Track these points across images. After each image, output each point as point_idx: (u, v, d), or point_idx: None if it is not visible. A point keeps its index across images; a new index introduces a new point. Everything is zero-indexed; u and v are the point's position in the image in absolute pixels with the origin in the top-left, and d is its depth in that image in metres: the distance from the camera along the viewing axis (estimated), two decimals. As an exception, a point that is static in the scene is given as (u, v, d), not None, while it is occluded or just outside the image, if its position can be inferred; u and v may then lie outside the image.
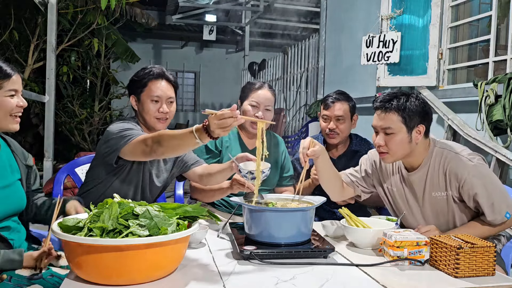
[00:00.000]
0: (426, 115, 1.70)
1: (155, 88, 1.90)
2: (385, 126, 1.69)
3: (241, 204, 1.59)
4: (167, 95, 1.92)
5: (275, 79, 7.94)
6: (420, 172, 1.74)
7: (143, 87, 1.91)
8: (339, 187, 1.94)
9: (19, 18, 5.15)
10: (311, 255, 1.45)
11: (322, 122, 2.43)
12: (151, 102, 1.90)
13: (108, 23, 5.88)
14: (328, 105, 2.40)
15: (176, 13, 9.25)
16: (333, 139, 2.40)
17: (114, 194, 1.36)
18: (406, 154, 1.71)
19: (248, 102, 2.21)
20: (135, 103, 1.96)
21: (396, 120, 1.67)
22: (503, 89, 2.53)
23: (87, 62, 7.20)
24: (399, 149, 1.69)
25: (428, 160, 1.72)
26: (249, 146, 2.28)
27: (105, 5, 3.89)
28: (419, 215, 1.80)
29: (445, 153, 1.70)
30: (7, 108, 1.47)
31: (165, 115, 1.92)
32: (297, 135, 5.61)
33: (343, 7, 4.89)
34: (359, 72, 4.41)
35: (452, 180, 1.67)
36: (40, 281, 1.49)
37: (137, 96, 1.94)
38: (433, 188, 1.72)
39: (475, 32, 3.41)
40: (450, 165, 1.67)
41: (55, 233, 1.21)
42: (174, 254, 1.25)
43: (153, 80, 1.91)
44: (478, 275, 1.33)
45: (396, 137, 1.67)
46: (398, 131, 1.67)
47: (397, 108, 1.66)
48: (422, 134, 1.69)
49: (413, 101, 1.67)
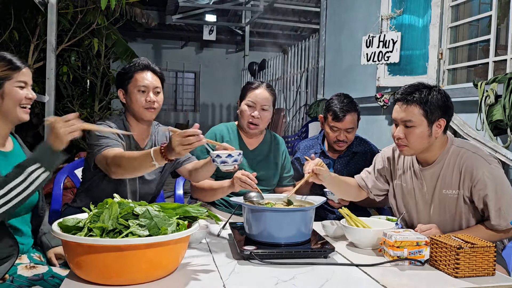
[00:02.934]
0: (447, 110, 1.69)
1: (141, 79, 1.95)
2: (406, 119, 1.67)
3: (241, 204, 1.59)
4: (153, 84, 1.97)
5: (275, 79, 7.94)
6: (433, 168, 1.73)
7: (130, 79, 1.96)
8: (351, 193, 1.96)
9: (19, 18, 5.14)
10: (311, 255, 1.45)
11: (330, 132, 2.36)
12: (138, 93, 1.94)
13: (108, 23, 5.87)
14: (339, 118, 2.31)
15: (176, 13, 9.24)
16: (342, 148, 2.39)
17: (114, 194, 1.36)
18: (425, 148, 1.70)
19: (245, 102, 2.21)
20: (123, 96, 2.00)
21: (418, 113, 1.65)
22: (503, 89, 2.53)
23: (87, 62, 7.20)
24: (419, 142, 1.68)
25: (444, 156, 1.72)
26: (249, 146, 2.28)
27: (105, 5, 3.88)
28: (425, 212, 1.79)
29: (462, 151, 1.70)
30: (16, 99, 1.51)
31: (153, 104, 1.95)
32: (297, 135, 5.61)
33: (343, 7, 4.88)
34: (359, 72, 4.41)
35: (467, 178, 1.66)
36: (41, 282, 1.50)
37: (124, 89, 1.98)
38: (445, 185, 1.71)
39: (475, 32, 3.41)
40: (467, 163, 1.66)
41: (55, 233, 1.21)
42: (174, 254, 1.25)
43: (139, 71, 1.96)
44: (478, 275, 1.33)
45: (416, 130, 1.66)
46: (419, 124, 1.66)
47: (419, 101, 1.65)
48: (442, 128, 1.68)
49: (435, 95, 1.66)
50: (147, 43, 11.24)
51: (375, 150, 2.48)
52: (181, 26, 10.75)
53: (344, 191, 1.96)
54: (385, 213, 2.57)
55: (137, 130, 2.01)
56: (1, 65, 1.49)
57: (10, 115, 1.53)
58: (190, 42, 11.68)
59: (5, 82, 1.50)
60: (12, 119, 1.54)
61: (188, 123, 11.35)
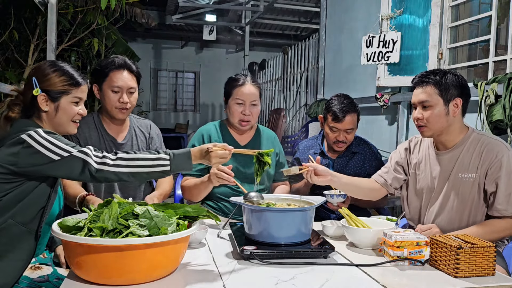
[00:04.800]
0: (463, 89, 1.76)
1: (116, 79, 1.95)
2: (423, 100, 1.76)
3: (241, 204, 1.59)
4: (128, 85, 1.97)
5: (275, 79, 7.94)
6: (453, 152, 1.78)
7: (105, 77, 1.96)
8: (364, 193, 1.98)
9: (19, 18, 5.14)
10: (311, 255, 1.45)
11: (330, 132, 2.36)
12: (111, 92, 1.96)
13: (108, 23, 5.87)
14: (339, 118, 2.31)
15: (176, 13, 9.23)
16: (341, 148, 2.39)
17: (113, 194, 1.37)
18: (444, 128, 1.76)
19: (233, 101, 2.19)
20: (97, 92, 2.00)
21: (433, 93, 1.74)
22: (503, 89, 2.53)
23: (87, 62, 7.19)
24: (437, 121, 1.75)
25: (465, 141, 1.77)
26: (241, 142, 2.26)
27: (105, 5, 3.88)
28: (435, 198, 1.81)
29: (483, 138, 1.76)
30: (70, 115, 1.54)
31: (125, 105, 1.97)
32: (297, 135, 5.61)
33: (343, 7, 4.88)
34: (359, 72, 4.40)
35: (486, 160, 1.71)
36: (47, 284, 1.50)
37: (99, 86, 2.00)
38: (462, 169, 1.75)
39: (475, 32, 3.41)
40: (488, 147, 1.72)
41: (55, 233, 1.21)
42: (174, 254, 1.25)
43: (114, 70, 1.96)
44: (478, 275, 1.33)
45: (434, 109, 1.74)
46: (435, 103, 1.74)
47: (434, 82, 1.74)
48: (459, 107, 1.75)
49: (449, 76, 1.74)
50: (147, 43, 11.24)
51: (374, 150, 2.47)
52: (181, 26, 10.74)
53: (355, 191, 1.98)
54: (385, 213, 2.57)
55: (112, 125, 2.05)
56: (63, 80, 1.51)
57: (60, 128, 1.55)
58: (190, 42, 11.67)
59: (62, 96, 1.52)
60: (61, 131, 1.56)
61: (188, 123, 11.36)
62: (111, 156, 1.40)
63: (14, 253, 1.39)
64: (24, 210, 1.40)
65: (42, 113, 1.51)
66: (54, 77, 1.50)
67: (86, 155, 1.38)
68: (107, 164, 1.38)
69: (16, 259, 1.40)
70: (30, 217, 1.42)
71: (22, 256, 1.42)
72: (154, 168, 1.41)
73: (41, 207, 1.43)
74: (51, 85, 1.50)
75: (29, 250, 1.44)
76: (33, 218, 1.42)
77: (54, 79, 1.50)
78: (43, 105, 1.49)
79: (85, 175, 1.38)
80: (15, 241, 1.40)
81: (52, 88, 1.50)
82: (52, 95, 1.50)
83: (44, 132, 1.40)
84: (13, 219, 1.38)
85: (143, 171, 1.40)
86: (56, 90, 1.50)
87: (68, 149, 1.38)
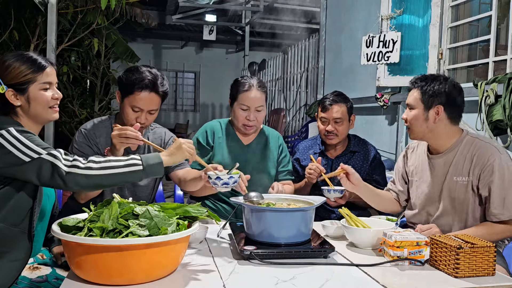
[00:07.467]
0: (448, 98, 1.76)
1: (139, 100, 1.86)
2: (408, 102, 1.82)
3: (241, 204, 1.59)
4: (149, 108, 1.89)
5: (275, 79, 7.94)
6: (446, 156, 1.79)
7: (129, 93, 1.87)
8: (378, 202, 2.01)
9: (19, 18, 5.14)
10: (311, 255, 1.45)
11: (320, 124, 2.43)
12: (131, 110, 1.88)
13: (108, 23, 5.87)
14: (326, 108, 2.38)
15: (176, 13, 9.24)
16: (332, 140, 2.40)
17: (113, 194, 1.36)
18: (425, 133, 1.79)
19: (238, 105, 2.18)
20: (118, 99, 1.94)
21: (417, 97, 1.79)
22: (503, 89, 2.53)
23: (87, 62, 7.20)
24: (415, 125, 1.79)
25: (458, 145, 1.78)
26: (244, 141, 2.27)
27: (105, 5, 3.88)
28: (435, 202, 1.82)
29: (476, 141, 1.76)
30: (44, 102, 1.47)
31: (143, 124, 1.90)
32: (297, 135, 5.61)
33: (343, 7, 4.88)
34: (359, 72, 4.40)
35: (478, 165, 1.71)
36: (45, 284, 1.49)
37: (121, 96, 1.92)
38: (456, 172, 1.76)
39: (475, 32, 3.41)
40: (479, 151, 1.72)
41: (55, 233, 1.21)
42: (174, 254, 1.25)
43: (141, 91, 1.85)
44: (478, 275, 1.33)
45: (414, 112, 1.79)
46: (416, 107, 1.79)
47: (419, 87, 1.79)
48: (440, 115, 1.75)
49: (437, 84, 1.76)
50: (147, 43, 11.25)
51: (373, 150, 2.47)
52: (181, 26, 10.75)
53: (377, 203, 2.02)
54: (385, 213, 2.57)
55: None
56: (24, 69, 1.43)
57: (39, 118, 1.49)
58: (190, 42, 11.68)
59: (29, 86, 1.44)
60: (42, 121, 1.51)
61: (188, 123, 11.36)
62: (82, 160, 1.35)
63: (10, 254, 1.38)
64: (11, 213, 1.37)
65: (17, 108, 1.44)
66: (14, 69, 1.42)
67: (55, 158, 1.31)
68: (77, 166, 1.32)
69: (13, 259, 1.39)
70: (20, 219, 1.39)
71: (19, 255, 1.41)
72: (126, 168, 1.36)
73: (28, 208, 1.41)
74: (14, 78, 1.42)
75: (25, 249, 1.43)
76: (23, 219, 1.40)
77: (15, 71, 1.42)
78: (14, 101, 1.43)
79: (55, 180, 1.31)
80: (10, 242, 1.38)
81: (16, 80, 1.42)
82: (18, 88, 1.43)
83: (16, 131, 1.34)
84: (3, 223, 1.36)
85: (114, 173, 1.34)
86: (21, 82, 1.42)
87: (38, 150, 1.31)
